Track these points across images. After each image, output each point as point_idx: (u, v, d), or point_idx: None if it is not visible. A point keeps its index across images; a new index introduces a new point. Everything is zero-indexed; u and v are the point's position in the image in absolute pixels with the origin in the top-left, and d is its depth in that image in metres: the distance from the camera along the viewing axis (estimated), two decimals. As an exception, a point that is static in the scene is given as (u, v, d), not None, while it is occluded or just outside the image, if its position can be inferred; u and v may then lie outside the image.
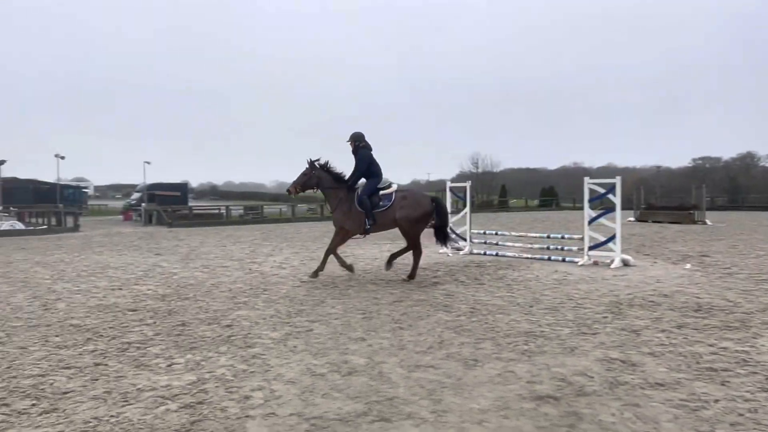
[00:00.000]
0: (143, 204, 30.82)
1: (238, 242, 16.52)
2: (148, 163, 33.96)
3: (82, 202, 44.89)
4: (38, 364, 4.55)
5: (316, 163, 8.90)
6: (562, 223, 24.10)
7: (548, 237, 12.99)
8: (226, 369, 4.35)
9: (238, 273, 9.74)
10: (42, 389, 3.95)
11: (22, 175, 43.05)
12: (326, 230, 18.66)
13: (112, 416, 3.46)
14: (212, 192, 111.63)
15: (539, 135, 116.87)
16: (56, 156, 33.21)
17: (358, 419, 3.38)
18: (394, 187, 8.97)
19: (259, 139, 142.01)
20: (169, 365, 4.47)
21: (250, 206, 35.58)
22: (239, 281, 8.79)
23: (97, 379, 4.14)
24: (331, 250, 8.90)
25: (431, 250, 11.71)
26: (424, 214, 8.61)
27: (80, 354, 4.81)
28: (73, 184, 56.39)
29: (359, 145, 8.88)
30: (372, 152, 8.91)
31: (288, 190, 9.25)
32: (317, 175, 8.90)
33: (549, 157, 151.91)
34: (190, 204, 37.10)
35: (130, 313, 6.49)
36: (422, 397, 3.72)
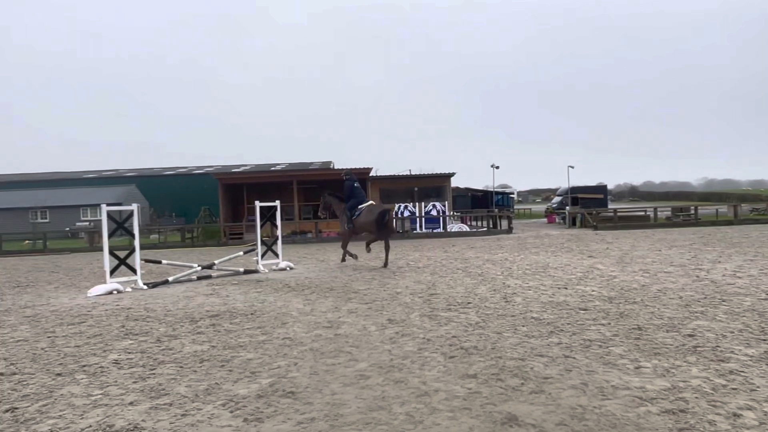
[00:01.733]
0: (567, 207, 31.89)
1: (674, 246, 15.38)
2: (572, 167, 34.97)
3: (511, 207, 49.39)
4: (515, 349, 5.20)
5: (326, 193, 14.70)
6: None
7: None
8: (702, 381, 4.09)
9: (684, 279, 9.06)
10: (525, 372, 4.50)
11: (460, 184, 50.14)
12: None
13: (594, 407, 3.68)
14: (631, 193, 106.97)
15: None
16: (492, 166, 37.56)
17: None
18: (368, 202, 13.62)
19: (682, 135, 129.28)
20: (637, 367, 4.48)
21: (678, 207, 32.72)
22: (688, 288, 8.17)
23: (570, 371, 4.47)
24: (343, 245, 14.03)
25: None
26: (374, 218, 12.91)
27: (548, 345, 5.29)
28: (500, 190, 62.59)
29: (345, 178, 13.95)
30: (354, 182, 13.79)
31: (319, 215, 15.21)
32: (327, 201, 14.55)
33: None
34: (609, 206, 36.53)
35: (582, 312, 6.78)
36: None
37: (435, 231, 26.40)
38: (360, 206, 13.36)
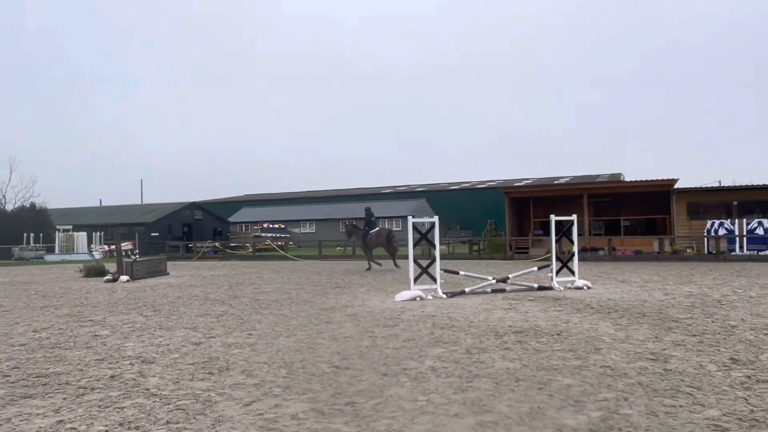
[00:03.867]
0: None
1: None
2: None
3: None
4: None
5: (348, 222, 25.00)
6: None
7: None
8: None
9: None
10: None
11: None
12: None
13: None
14: None
15: None
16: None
17: None
18: (377, 228, 20.90)
19: None
20: None
21: None
22: None
23: None
24: (368, 258, 20.49)
25: None
26: (383, 239, 20.10)
27: None
28: None
29: (368, 212, 21.04)
30: (372, 216, 21.03)
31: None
32: (350, 228, 22.17)
33: None
34: None
35: None
36: None
37: (761, 253, 22.09)
38: (371, 231, 20.38)
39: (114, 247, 33.28)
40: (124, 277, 17.15)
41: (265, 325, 8.15)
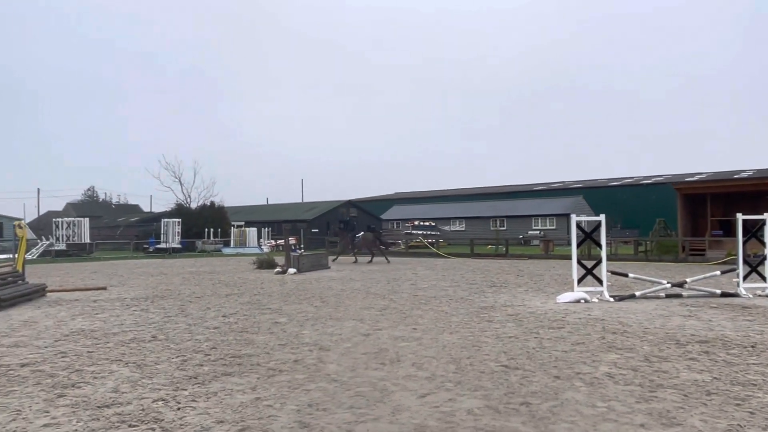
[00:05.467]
0: None
1: None
2: None
3: None
4: None
5: (338, 227, 29.50)
6: None
7: None
8: None
9: None
10: None
11: None
12: None
13: None
14: None
15: None
16: None
17: None
18: (361, 233, 25.48)
19: None
20: None
21: None
22: None
23: None
24: (339, 253, 25.38)
25: None
26: (367, 242, 24.55)
27: None
28: None
29: (349, 218, 31.20)
30: (354, 221, 30.50)
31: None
32: (338, 231, 28.65)
33: None
34: None
35: None
36: None
37: None
38: (357, 235, 25.16)
39: (281, 241, 36.00)
40: (291, 270, 18.53)
41: (427, 320, 8.32)
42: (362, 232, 25.93)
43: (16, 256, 13.91)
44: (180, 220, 42.21)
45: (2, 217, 63.63)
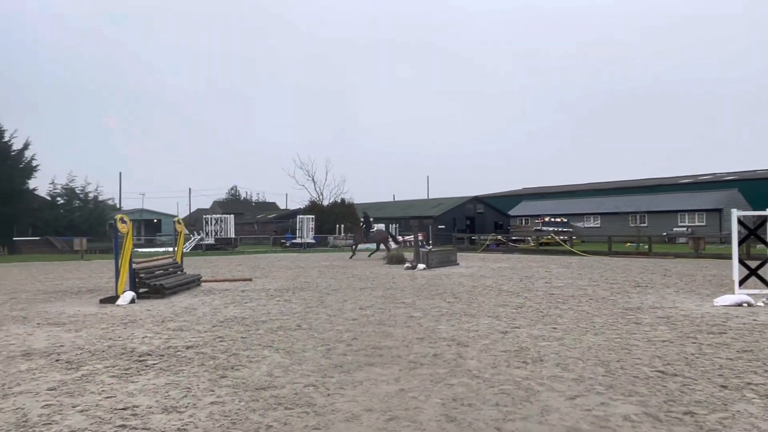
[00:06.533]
0: None
1: None
2: None
3: None
4: None
5: (361, 223, 29.10)
6: None
7: None
8: None
9: None
10: None
11: None
12: None
13: None
14: None
15: None
16: None
17: None
18: (376, 227, 30.85)
19: None
20: None
21: None
22: None
23: None
24: (354, 248, 27.60)
25: None
26: (382, 237, 27.29)
27: None
28: None
29: (365, 215, 28.90)
30: (370, 218, 29.10)
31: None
32: (350, 228, 32.49)
33: None
34: None
35: None
36: None
37: None
38: (372, 230, 28.10)
39: (410, 238, 36.50)
40: (421, 266, 18.68)
41: (568, 320, 7.96)
42: (376, 227, 30.67)
43: (175, 249, 15.37)
44: (313, 216, 44.33)
45: (161, 214, 70.98)
